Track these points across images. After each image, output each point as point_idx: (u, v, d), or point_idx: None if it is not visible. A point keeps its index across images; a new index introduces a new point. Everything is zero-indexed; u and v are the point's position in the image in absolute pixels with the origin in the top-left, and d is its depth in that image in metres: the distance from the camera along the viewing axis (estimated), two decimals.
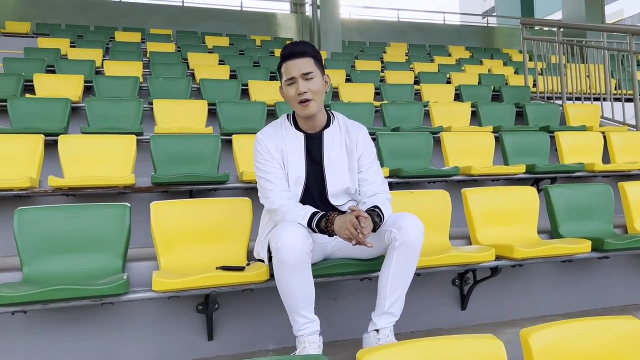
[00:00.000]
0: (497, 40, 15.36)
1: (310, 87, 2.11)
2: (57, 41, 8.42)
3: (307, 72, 2.11)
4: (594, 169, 3.99)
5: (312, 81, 2.12)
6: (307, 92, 2.10)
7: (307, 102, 2.12)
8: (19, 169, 3.17)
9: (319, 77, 2.15)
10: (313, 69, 2.13)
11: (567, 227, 2.93)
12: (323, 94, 2.18)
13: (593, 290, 2.98)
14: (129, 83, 5.52)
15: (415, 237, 2.05)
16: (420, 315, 2.77)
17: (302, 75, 2.11)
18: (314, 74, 2.13)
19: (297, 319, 2.01)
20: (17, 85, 5.18)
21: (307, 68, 2.11)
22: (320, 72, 2.17)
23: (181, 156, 3.52)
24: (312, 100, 2.12)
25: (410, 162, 3.92)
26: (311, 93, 2.11)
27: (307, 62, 2.13)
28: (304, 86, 2.10)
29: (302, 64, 2.12)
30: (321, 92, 2.16)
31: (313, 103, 2.13)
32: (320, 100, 2.17)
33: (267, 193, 2.16)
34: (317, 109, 2.16)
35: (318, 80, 2.14)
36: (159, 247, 2.35)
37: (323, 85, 2.17)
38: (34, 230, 2.24)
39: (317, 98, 2.14)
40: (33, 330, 2.19)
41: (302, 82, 2.11)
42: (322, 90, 2.17)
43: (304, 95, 2.10)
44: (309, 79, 2.11)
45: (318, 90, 2.14)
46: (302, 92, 2.10)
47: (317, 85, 2.13)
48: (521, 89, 6.85)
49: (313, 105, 2.13)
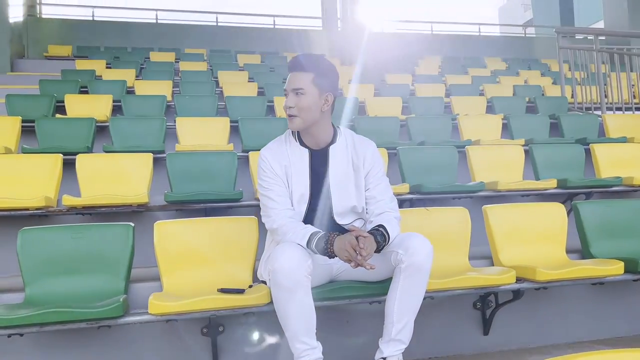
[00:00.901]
0: (536, 50, 14.94)
1: (298, 103, 2.05)
2: (94, 63, 8.67)
3: (298, 88, 2.05)
4: (633, 183, 3.73)
5: (302, 97, 2.05)
6: (293, 107, 2.06)
7: (291, 118, 2.08)
8: (37, 188, 3.20)
9: (311, 94, 2.05)
10: (306, 85, 2.05)
11: (599, 247, 2.72)
12: (313, 111, 2.07)
13: (629, 316, 2.74)
14: (156, 101, 5.60)
15: (423, 259, 1.92)
16: (440, 341, 2.61)
17: (292, 90, 2.06)
18: (305, 91, 2.05)
19: (296, 346, 1.90)
20: (49, 106, 5.33)
21: (299, 84, 2.05)
22: (317, 90, 2.07)
23: (197, 174, 3.49)
24: (296, 117, 2.06)
25: (433, 178, 3.76)
26: (297, 109, 2.05)
27: (303, 78, 2.06)
28: (291, 101, 2.06)
29: (296, 79, 2.07)
30: (310, 110, 2.06)
31: (297, 119, 2.07)
32: (308, 118, 2.07)
33: (269, 212, 2.08)
34: (301, 126, 2.09)
35: (309, 98, 2.05)
36: (162, 268, 2.30)
37: (316, 103, 2.07)
38: (37, 250, 2.23)
39: (303, 115, 2.06)
40: (30, 353, 2.16)
41: (291, 96, 2.06)
42: (313, 107, 2.06)
43: (289, 110, 2.07)
44: (299, 94, 2.05)
45: (305, 108, 2.05)
46: (288, 107, 2.07)
47: (306, 102, 2.05)
48: (558, 100, 6.58)
49: (297, 121, 2.07)
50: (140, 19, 13.55)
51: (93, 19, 12.90)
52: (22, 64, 9.45)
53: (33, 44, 11.56)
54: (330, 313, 2.37)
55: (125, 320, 2.00)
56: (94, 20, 12.80)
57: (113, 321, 1.98)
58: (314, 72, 2.05)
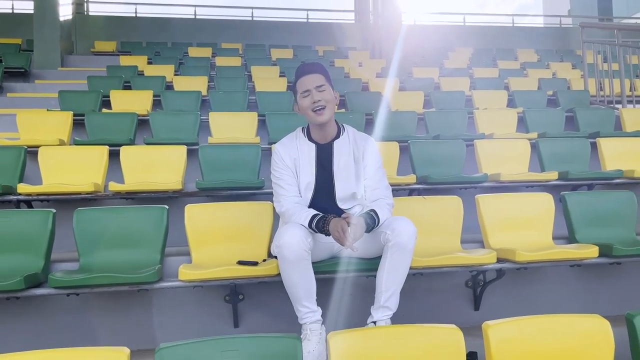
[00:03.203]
0: (571, 41, 14.75)
1: (324, 97, 2.40)
2: (136, 58, 9.24)
3: (320, 85, 2.41)
4: (634, 175, 3.92)
5: (325, 92, 2.41)
6: (320, 100, 2.39)
7: (321, 110, 2.40)
8: (87, 175, 3.68)
9: (329, 90, 2.44)
10: (324, 82, 2.42)
11: (584, 234, 2.98)
12: (334, 104, 2.46)
13: (608, 297, 3.00)
14: (192, 97, 6.05)
15: (407, 239, 2.25)
16: (437, 314, 2.94)
17: (316, 87, 2.40)
18: (326, 87, 2.42)
19: (300, 309, 2.28)
20: (97, 101, 5.86)
21: (320, 81, 2.42)
22: (330, 87, 2.44)
23: (226, 164, 3.90)
24: (325, 107, 2.41)
25: (442, 170, 4.06)
26: (324, 101, 2.40)
27: (319, 77, 2.43)
28: (317, 96, 2.40)
29: (315, 78, 2.42)
30: (333, 102, 2.45)
31: (327, 110, 2.42)
32: (332, 109, 2.45)
33: (279, 197, 2.45)
34: (329, 115, 2.43)
35: (329, 92, 2.43)
36: (192, 244, 2.71)
37: (333, 98, 2.45)
38: (89, 228, 2.67)
39: (330, 106, 2.43)
40: (83, 310, 2.61)
41: (315, 92, 2.40)
42: (333, 101, 2.45)
43: (318, 103, 2.39)
44: (322, 90, 2.40)
45: (330, 100, 2.42)
46: (317, 101, 2.39)
47: (329, 95, 2.42)
48: (580, 93, 6.69)
49: (327, 112, 2.42)
50: (180, 14, 14.13)
51: (136, 15, 13.54)
52: (71, 60, 10.11)
53: (81, 40, 12.30)
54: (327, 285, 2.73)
55: (160, 285, 2.42)
56: (136, 17, 13.45)
57: (150, 285, 2.40)
58: (324, 74, 2.42)
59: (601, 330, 1.77)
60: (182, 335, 2.68)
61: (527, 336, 1.75)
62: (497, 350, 1.73)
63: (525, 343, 1.74)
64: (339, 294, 2.69)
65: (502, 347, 1.74)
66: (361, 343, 1.67)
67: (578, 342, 1.75)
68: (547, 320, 1.76)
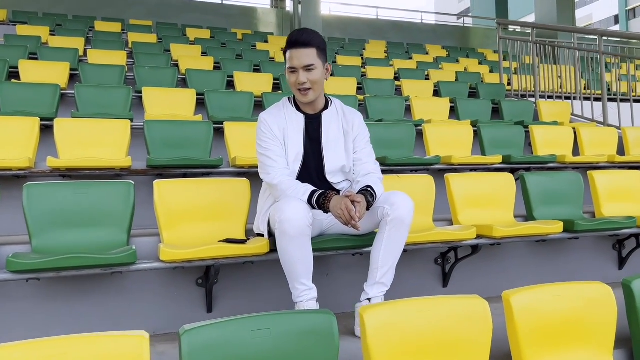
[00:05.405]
0: (472, 40, 15.74)
1: (310, 78, 2.27)
2: (37, 29, 8.34)
3: (309, 65, 2.26)
4: (565, 160, 4.25)
5: (313, 72, 2.28)
6: (306, 82, 2.27)
7: (306, 91, 2.29)
8: (15, 150, 3.23)
9: (319, 68, 2.30)
10: (315, 60, 2.28)
11: (541, 211, 3.16)
12: (322, 82, 2.35)
13: (565, 270, 3.21)
14: (115, 71, 5.57)
15: (406, 213, 2.22)
16: (404, 292, 2.91)
17: (303, 67, 2.26)
18: (315, 66, 2.28)
19: (297, 287, 2.16)
20: (2, 72, 5.18)
21: (308, 60, 2.26)
22: (322, 62, 2.32)
23: (174, 141, 3.62)
24: (310, 89, 2.29)
25: (394, 152, 4.09)
26: (310, 83, 2.28)
27: (310, 54, 2.27)
28: (304, 77, 2.26)
29: (304, 56, 2.26)
30: (320, 82, 2.32)
31: (311, 92, 2.30)
32: (319, 89, 2.33)
33: (268, 169, 2.31)
34: (314, 97, 2.33)
35: (318, 71, 2.30)
36: (162, 223, 2.47)
37: (323, 75, 2.33)
38: (42, 205, 2.33)
39: (316, 87, 2.31)
40: (45, 298, 2.28)
41: (302, 72, 2.27)
42: (322, 79, 2.33)
43: (303, 85, 2.28)
44: (310, 70, 2.27)
45: (317, 80, 2.30)
46: (302, 82, 2.27)
47: (317, 75, 2.29)
48: (497, 87, 7.12)
49: (311, 93, 2.31)
50: None
51: None
52: None
53: None
54: (318, 261, 2.64)
55: (137, 267, 2.17)
56: None
57: (126, 267, 2.15)
58: (316, 47, 2.28)
59: (605, 295, 1.87)
60: (149, 323, 2.44)
61: (544, 303, 1.80)
62: (520, 317, 1.77)
63: (542, 310, 1.80)
64: (325, 275, 2.61)
65: (523, 314, 1.78)
66: (395, 317, 1.63)
67: (585, 307, 1.85)
68: (561, 288, 1.83)
